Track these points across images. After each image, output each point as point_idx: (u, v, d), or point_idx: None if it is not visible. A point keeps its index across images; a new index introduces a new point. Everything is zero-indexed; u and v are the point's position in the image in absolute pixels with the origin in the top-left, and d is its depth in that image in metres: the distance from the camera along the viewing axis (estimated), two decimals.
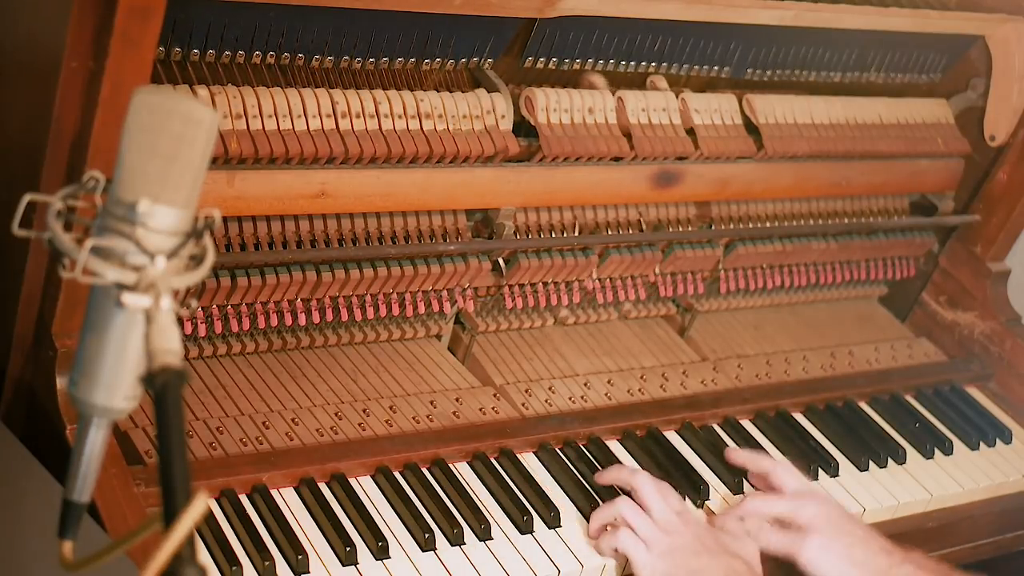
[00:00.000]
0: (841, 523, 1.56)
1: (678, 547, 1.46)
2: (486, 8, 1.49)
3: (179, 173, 0.81)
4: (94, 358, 0.84)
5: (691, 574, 1.44)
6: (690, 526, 1.49)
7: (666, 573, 1.45)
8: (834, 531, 1.55)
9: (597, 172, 1.69)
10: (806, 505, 1.57)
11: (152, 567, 0.70)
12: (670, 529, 1.47)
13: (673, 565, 1.45)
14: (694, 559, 1.45)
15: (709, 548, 1.47)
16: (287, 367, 1.60)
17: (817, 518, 1.55)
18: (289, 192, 1.45)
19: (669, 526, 1.48)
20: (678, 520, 1.49)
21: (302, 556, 1.34)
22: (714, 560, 1.45)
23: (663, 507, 1.49)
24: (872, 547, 1.54)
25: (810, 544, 1.53)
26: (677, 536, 1.47)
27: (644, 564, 1.45)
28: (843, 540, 1.54)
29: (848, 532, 1.55)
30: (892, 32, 1.89)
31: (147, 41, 1.15)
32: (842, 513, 1.58)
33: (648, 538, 1.46)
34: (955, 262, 2.13)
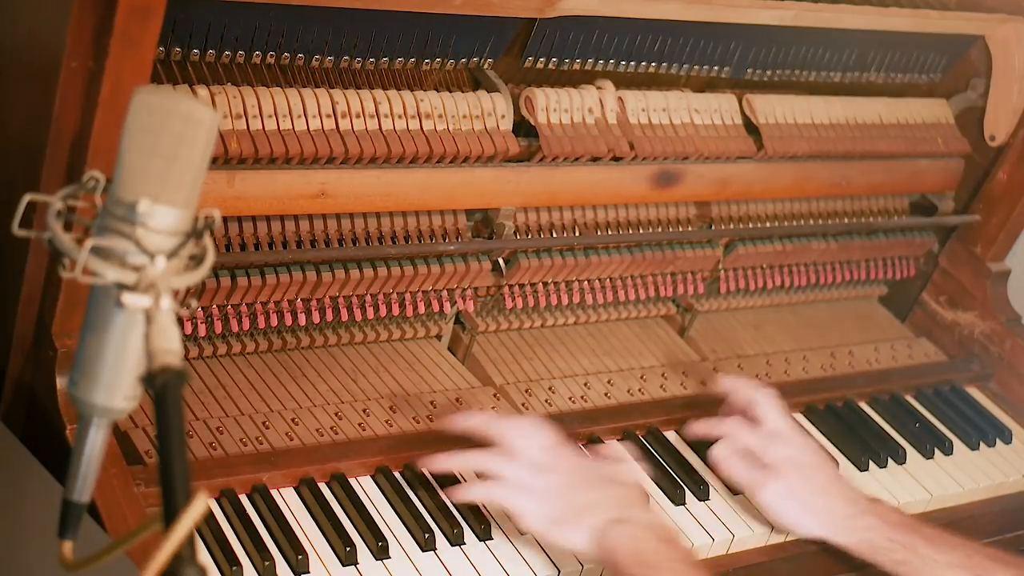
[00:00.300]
0: (808, 469, 1.54)
1: (559, 486, 1.36)
2: (486, 8, 1.49)
3: (179, 173, 0.81)
4: (94, 358, 0.84)
5: (581, 509, 1.35)
6: (567, 459, 1.39)
7: (552, 516, 1.35)
8: (798, 476, 1.53)
9: (597, 172, 1.69)
10: (777, 445, 1.55)
11: (152, 567, 0.70)
12: (545, 468, 1.37)
13: (559, 505, 1.35)
14: (580, 494, 1.36)
15: (593, 480, 1.38)
16: (287, 367, 1.60)
17: (784, 460, 1.53)
18: (289, 192, 1.45)
19: (544, 465, 1.38)
20: (552, 457, 1.39)
21: (302, 556, 1.34)
22: (602, 491, 1.37)
23: (531, 446, 1.39)
24: (833, 494, 1.52)
25: (769, 488, 1.52)
26: (555, 474, 1.37)
27: (525, 512, 1.36)
28: (805, 486, 1.52)
29: (812, 478, 1.53)
30: (892, 32, 1.89)
31: (147, 41, 1.15)
32: (813, 458, 1.56)
33: (523, 484, 1.36)
34: (955, 262, 2.13)
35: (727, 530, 1.58)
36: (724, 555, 1.58)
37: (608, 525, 1.33)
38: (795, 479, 1.53)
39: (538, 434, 1.43)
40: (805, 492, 1.52)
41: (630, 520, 1.35)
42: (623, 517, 1.35)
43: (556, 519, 1.36)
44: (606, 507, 1.36)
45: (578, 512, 1.35)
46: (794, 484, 1.53)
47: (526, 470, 1.38)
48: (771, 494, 1.53)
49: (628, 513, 1.36)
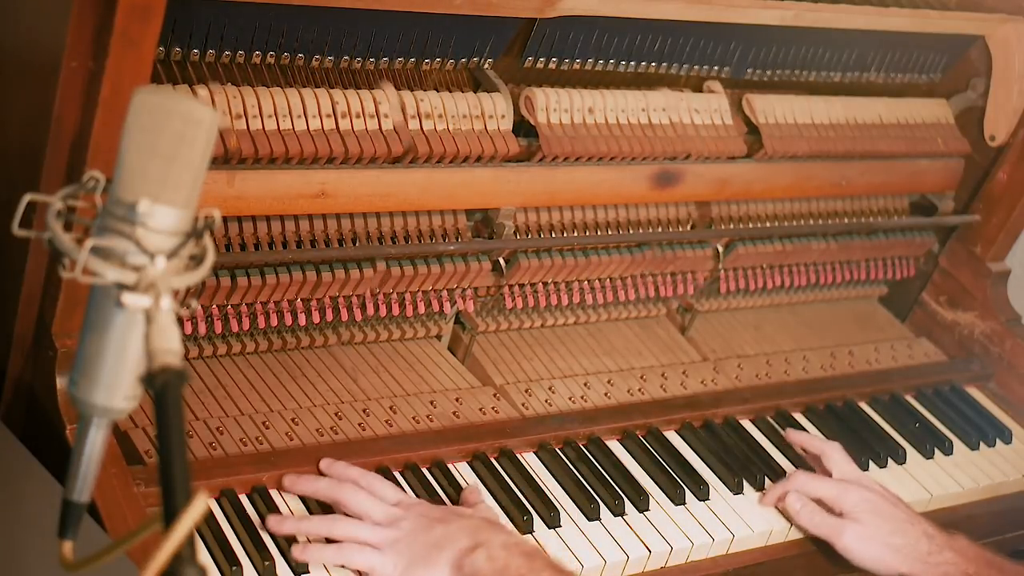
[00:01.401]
0: (883, 510, 1.58)
1: (407, 532, 1.36)
2: (486, 8, 1.49)
3: (179, 173, 0.81)
4: (94, 358, 0.84)
5: (432, 548, 1.34)
6: (412, 508, 1.39)
7: (406, 563, 1.34)
8: (875, 518, 1.57)
9: (597, 172, 1.69)
10: (850, 491, 1.60)
11: (152, 567, 0.70)
12: (393, 520, 1.37)
13: (409, 551, 1.34)
14: (428, 534, 1.35)
15: (439, 518, 1.38)
16: (287, 367, 1.60)
17: (859, 505, 1.58)
18: (289, 192, 1.45)
19: (391, 518, 1.37)
20: (398, 509, 1.39)
21: None
22: (450, 526, 1.36)
23: (379, 506, 1.39)
24: (913, 533, 1.56)
25: (848, 532, 1.57)
26: (403, 523, 1.37)
27: (379, 566, 1.34)
28: (884, 527, 1.56)
29: (889, 518, 1.57)
30: (892, 32, 1.89)
31: (147, 41, 1.15)
32: (886, 500, 1.60)
33: (376, 541, 1.35)
34: (955, 262, 2.13)
35: (727, 530, 1.58)
36: (724, 555, 1.58)
37: (464, 553, 1.32)
38: (872, 521, 1.57)
39: (380, 491, 1.42)
40: (884, 532, 1.56)
41: (486, 543, 1.34)
42: (478, 542, 1.34)
43: (409, 564, 1.34)
44: (457, 538, 1.34)
45: (430, 550, 1.34)
46: (872, 526, 1.57)
47: (371, 528, 1.37)
48: (850, 539, 1.57)
49: (482, 537, 1.35)
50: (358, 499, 1.39)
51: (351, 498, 1.39)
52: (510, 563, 1.32)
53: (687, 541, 1.54)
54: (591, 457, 1.62)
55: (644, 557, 1.51)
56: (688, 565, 1.55)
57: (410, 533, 1.36)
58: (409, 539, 1.35)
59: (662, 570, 1.54)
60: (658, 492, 1.60)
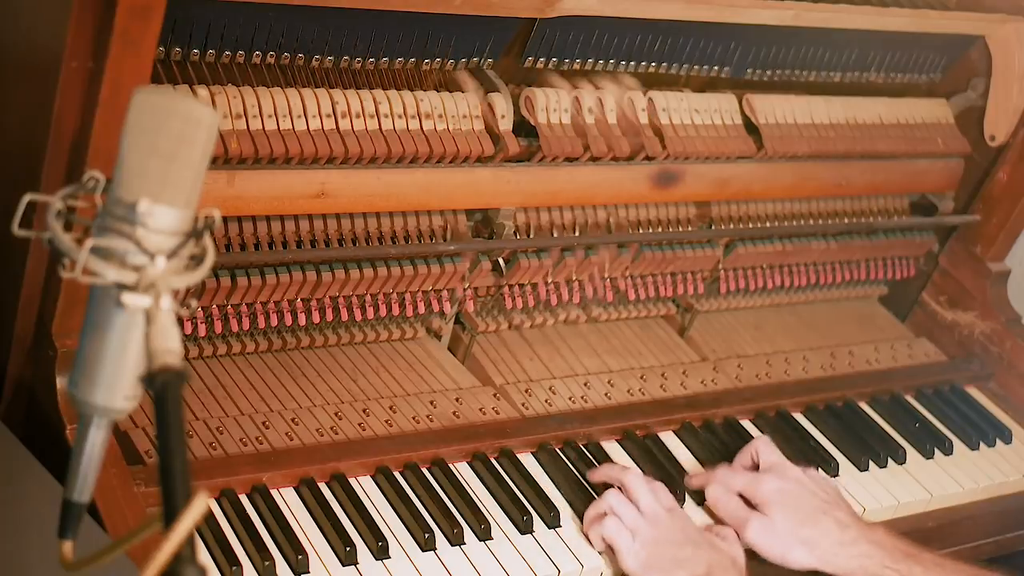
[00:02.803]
0: (795, 500, 1.54)
1: (662, 538, 1.46)
2: (486, 8, 1.49)
3: (179, 173, 0.81)
4: (94, 358, 0.84)
5: (673, 564, 1.44)
6: (677, 520, 1.49)
7: (648, 562, 1.44)
8: (783, 510, 1.53)
9: (597, 172, 1.69)
10: (763, 481, 1.56)
11: (152, 567, 0.70)
12: (656, 521, 1.47)
13: (656, 554, 1.44)
14: (677, 549, 1.45)
15: (693, 540, 1.47)
16: (287, 367, 1.60)
17: (769, 496, 1.55)
18: (289, 192, 1.45)
19: (655, 518, 1.47)
20: (665, 514, 1.48)
21: (302, 556, 1.34)
22: (697, 552, 1.45)
23: (651, 500, 1.49)
24: (824, 524, 1.52)
25: (752, 526, 1.53)
26: (662, 527, 1.47)
27: (627, 551, 1.45)
28: (791, 519, 1.52)
29: (800, 509, 1.53)
30: (892, 32, 1.89)
31: (147, 41, 1.15)
32: (803, 488, 1.56)
33: (633, 527, 1.46)
34: (955, 262, 2.13)
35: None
36: None
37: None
38: (779, 513, 1.53)
39: (658, 491, 1.52)
40: (790, 524, 1.52)
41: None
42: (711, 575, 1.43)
43: (651, 565, 1.44)
44: (698, 564, 1.44)
45: (671, 564, 1.44)
46: (777, 518, 1.53)
47: (639, 516, 1.47)
48: (752, 532, 1.53)
49: (717, 574, 1.44)
50: (639, 486, 1.50)
51: (633, 483, 1.51)
52: None
53: None
54: (591, 457, 1.62)
55: None
56: None
57: (663, 537, 1.46)
58: (660, 542, 1.45)
59: None
60: None
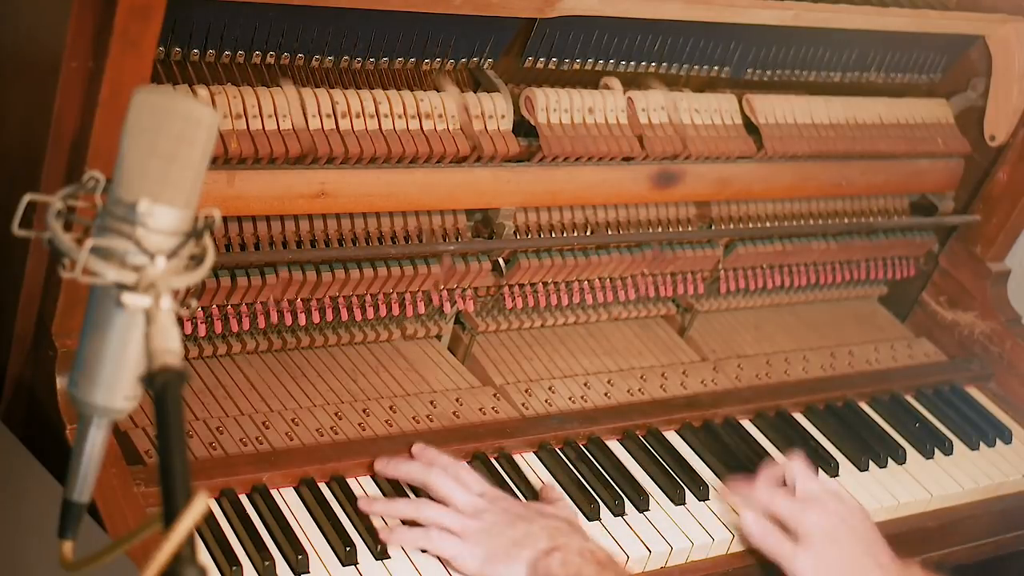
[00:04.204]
0: (839, 536, 1.52)
1: (490, 525, 1.38)
2: (486, 8, 1.49)
3: (179, 173, 0.81)
4: (94, 358, 0.84)
5: (512, 546, 1.36)
6: (497, 502, 1.42)
7: (486, 555, 1.37)
8: (830, 547, 1.51)
9: (597, 172, 1.69)
10: (808, 512, 1.54)
11: (152, 567, 0.70)
12: (476, 511, 1.40)
13: (490, 544, 1.37)
14: (510, 530, 1.38)
15: (522, 515, 1.40)
16: (287, 367, 1.60)
17: (815, 529, 1.52)
18: (289, 192, 1.45)
19: (476, 510, 1.40)
20: (483, 501, 1.41)
21: (302, 556, 1.34)
22: (532, 525, 1.38)
23: (464, 494, 1.41)
24: (866, 564, 1.51)
25: (800, 561, 1.51)
26: (486, 515, 1.39)
27: (460, 554, 1.37)
28: (836, 557, 1.51)
29: (843, 546, 1.52)
30: (892, 32, 1.89)
31: (147, 41, 1.15)
32: (845, 523, 1.54)
33: (458, 528, 1.38)
34: (955, 262, 2.13)
35: (727, 530, 1.58)
36: (724, 555, 1.58)
37: (541, 555, 1.34)
38: (826, 550, 1.52)
39: (466, 481, 1.44)
40: (836, 563, 1.51)
41: (564, 547, 1.35)
42: (556, 545, 1.35)
43: (489, 558, 1.37)
44: (538, 538, 1.37)
45: (511, 547, 1.36)
46: (824, 555, 1.52)
47: (455, 516, 1.40)
48: (802, 567, 1.52)
49: (561, 541, 1.36)
50: (446, 485, 1.42)
51: (440, 483, 1.42)
52: (583, 570, 1.33)
53: (687, 541, 1.54)
54: (591, 457, 1.62)
55: (644, 557, 1.51)
56: (688, 565, 1.55)
57: (493, 526, 1.38)
58: (491, 532, 1.38)
59: (662, 570, 1.54)
60: (658, 492, 1.60)
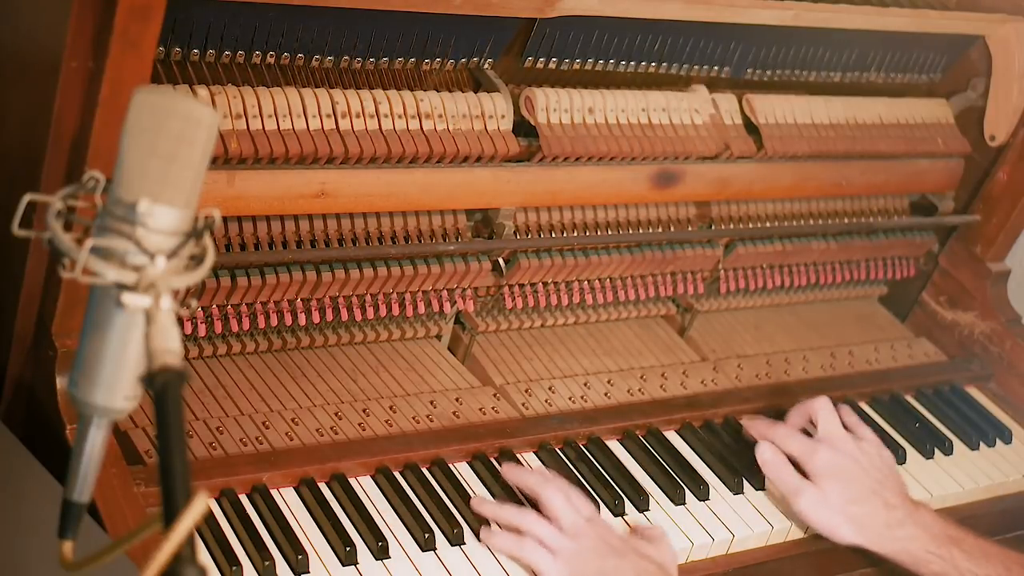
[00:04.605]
0: (848, 474, 1.55)
1: (584, 550, 1.39)
2: (486, 8, 1.49)
3: (179, 173, 0.81)
4: (94, 358, 0.84)
5: (598, 574, 1.38)
6: (598, 528, 1.43)
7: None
8: (836, 484, 1.54)
9: (597, 172, 1.69)
10: (819, 451, 1.56)
11: (152, 567, 0.70)
12: (577, 534, 1.41)
13: (578, 568, 1.38)
14: (600, 560, 1.39)
15: (616, 549, 1.41)
16: (287, 367, 1.60)
17: (824, 467, 1.55)
18: (289, 192, 1.45)
19: (576, 531, 1.41)
20: (586, 524, 1.42)
21: (302, 556, 1.34)
22: (622, 561, 1.40)
23: (571, 514, 1.42)
24: (873, 503, 1.53)
25: (805, 496, 1.54)
26: (583, 539, 1.40)
27: (548, 570, 1.39)
28: (843, 494, 1.53)
29: (852, 484, 1.54)
30: (892, 32, 1.89)
31: (147, 41, 1.15)
32: (857, 463, 1.56)
33: (554, 546, 1.40)
34: (955, 262, 2.13)
35: (727, 530, 1.58)
36: (724, 555, 1.58)
37: None
38: (832, 487, 1.54)
39: (576, 503, 1.45)
40: (842, 500, 1.53)
41: None
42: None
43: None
44: (626, 574, 1.38)
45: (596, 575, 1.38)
46: (830, 492, 1.54)
47: (557, 532, 1.41)
48: (805, 502, 1.54)
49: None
50: (556, 500, 1.43)
51: (551, 497, 1.43)
52: None
53: (687, 541, 1.54)
54: (591, 457, 1.62)
55: None
56: (688, 565, 1.55)
57: (586, 551, 1.39)
58: (582, 557, 1.39)
59: None
60: (658, 492, 1.60)
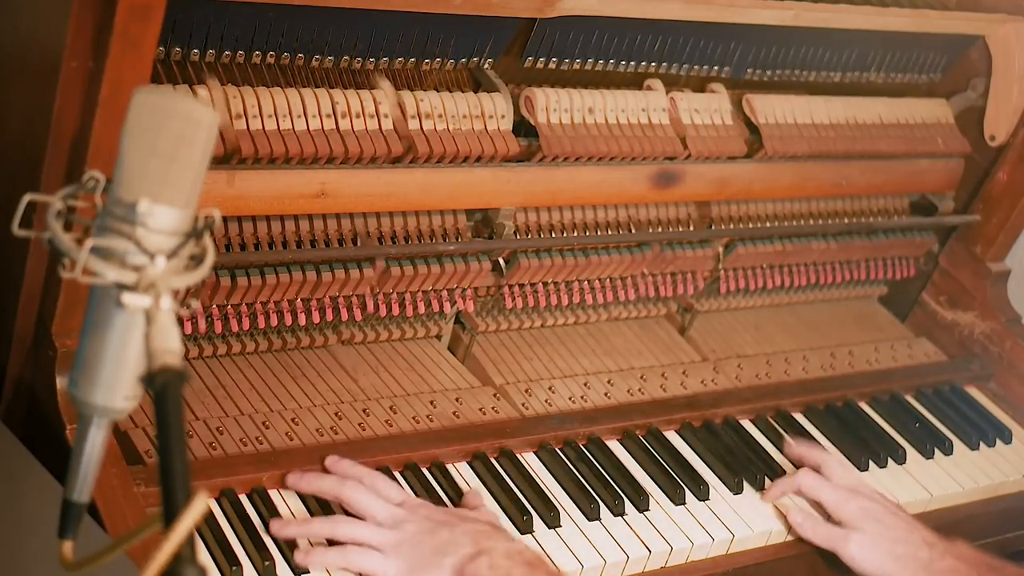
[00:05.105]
0: (883, 518, 1.59)
1: (411, 535, 1.35)
2: (486, 8, 1.49)
3: (179, 173, 0.81)
4: (94, 358, 0.84)
5: (436, 554, 1.33)
6: (417, 510, 1.38)
7: (409, 567, 1.33)
8: (877, 526, 1.58)
9: (597, 172, 1.69)
10: (851, 499, 1.61)
11: (152, 567, 0.70)
12: (396, 522, 1.36)
13: (412, 555, 1.34)
14: (432, 538, 1.35)
15: (444, 522, 1.37)
16: (287, 367, 1.60)
17: (860, 513, 1.59)
18: (289, 192, 1.45)
19: (394, 520, 1.36)
20: (402, 511, 1.38)
21: None
22: (455, 530, 1.35)
23: (383, 506, 1.38)
24: (914, 540, 1.57)
25: (854, 542, 1.58)
26: (406, 525, 1.36)
27: (381, 569, 1.33)
28: (886, 536, 1.57)
29: (890, 527, 1.58)
30: (892, 32, 1.89)
31: (147, 41, 1.15)
32: (886, 509, 1.61)
33: (378, 542, 1.35)
34: (955, 262, 2.13)
35: (727, 530, 1.58)
36: (724, 555, 1.58)
37: (467, 560, 1.32)
38: (875, 529, 1.59)
39: (384, 491, 1.40)
40: (887, 541, 1.58)
41: (490, 550, 1.33)
42: (481, 549, 1.33)
43: (412, 568, 1.33)
44: (462, 543, 1.34)
45: (433, 555, 1.33)
46: (875, 534, 1.58)
47: (373, 529, 1.36)
48: (855, 548, 1.58)
49: (486, 544, 1.34)
50: (362, 498, 1.38)
51: (355, 497, 1.38)
52: (512, 572, 1.31)
53: (687, 541, 1.54)
54: (591, 457, 1.62)
55: (644, 557, 1.51)
56: (688, 565, 1.55)
57: (413, 536, 1.35)
58: (412, 542, 1.34)
59: (662, 570, 1.54)
60: (658, 492, 1.60)
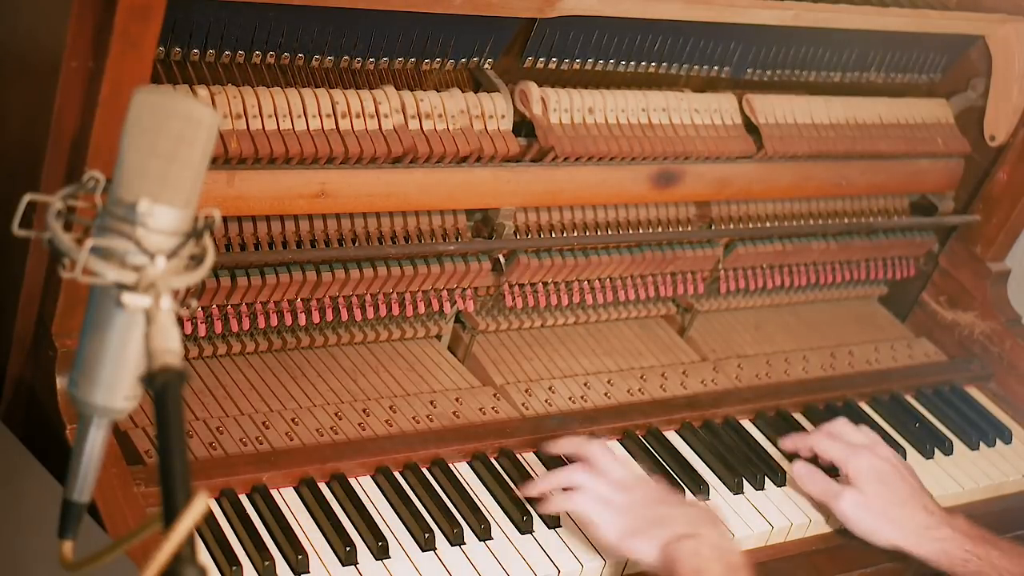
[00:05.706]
0: (888, 479, 1.59)
1: (637, 501, 1.44)
2: (486, 8, 1.49)
3: (179, 173, 0.81)
4: (94, 358, 0.84)
5: (652, 524, 1.41)
6: (648, 484, 1.49)
7: (627, 527, 1.42)
8: (877, 487, 1.58)
9: (597, 172, 1.69)
10: (859, 456, 1.61)
11: (152, 567, 0.70)
12: (627, 487, 1.46)
13: (632, 518, 1.42)
14: (654, 509, 1.44)
15: (667, 500, 1.46)
16: (287, 367, 1.60)
17: (864, 472, 1.59)
18: (289, 192, 1.45)
19: (625, 485, 1.46)
20: (634, 480, 1.48)
21: (302, 556, 1.34)
22: (675, 509, 1.44)
23: (619, 468, 1.48)
24: (912, 506, 1.58)
25: (847, 498, 1.58)
26: (635, 491, 1.46)
27: (603, 522, 1.43)
28: (883, 498, 1.57)
29: (893, 489, 1.58)
30: (892, 32, 1.89)
31: (147, 41, 1.15)
32: (895, 470, 1.61)
33: (606, 497, 1.44)
34: (955, 262, 2.13)
35: (727, 530, 1.58)
36: None
37: (676, 539, 1.38)
38: (873, 490, 1.58)
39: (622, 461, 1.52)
40: (883, 503, 1.58)
41: (699, 537, 1.39)
42: (693, 533, 1.39)
43: (628, 531, 1.41)
44: (678, 522, 1.41)
45: (651, 525, 1.41)
46: (872, 494, 1.58)
47: (608, 486, 1.45)
48: (846, 504, 1.59)
49: (699, 530, 1.40)
50: (604, 458, 1.49)
51: (598, 455, 1.50)
52: (710, 566, 1.35)
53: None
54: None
55: None
56: None
57: (638, 503, 1.44)
58: (636, 507, 1.43)
59: None
60: None
